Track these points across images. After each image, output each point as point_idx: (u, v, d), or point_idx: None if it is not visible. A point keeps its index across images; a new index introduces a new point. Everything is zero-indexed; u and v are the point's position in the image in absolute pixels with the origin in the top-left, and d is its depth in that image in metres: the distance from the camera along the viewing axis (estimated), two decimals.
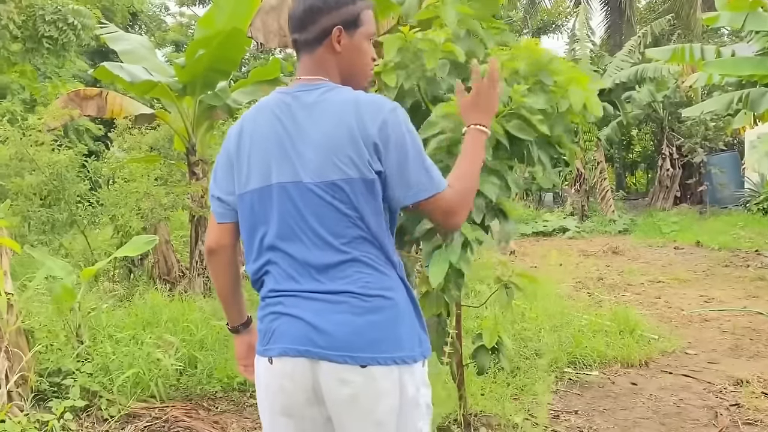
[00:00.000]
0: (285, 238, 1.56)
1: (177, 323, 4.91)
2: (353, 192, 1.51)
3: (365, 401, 1.50)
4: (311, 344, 1.50)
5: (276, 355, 1.55)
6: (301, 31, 1.61)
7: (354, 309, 1.51)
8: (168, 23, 23.68)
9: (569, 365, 4.63)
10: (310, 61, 1.62)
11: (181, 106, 6.83)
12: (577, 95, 2.53)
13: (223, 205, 1.67)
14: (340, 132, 1.51)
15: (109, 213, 6.64)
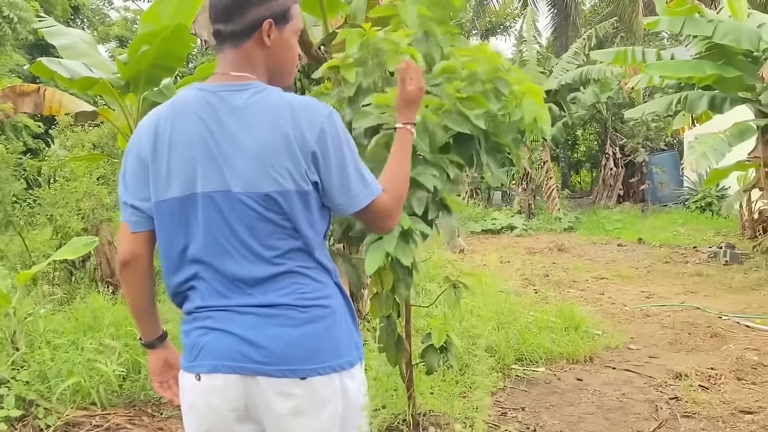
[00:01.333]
0: (212, 252, 1.47)
1: (120, 327, 4.77)
2: (288, 204, 1.45)
3: (308, 412, 1.47)
4: (245, 360, 1.45)
5: (206, 371, 1.47)
6: (226, 22, 1.49)
7: (290, 321, 1.46)
8: (112, 18, 23.03)
9: (516, 362, 4.69)
10: (235, 55, 1.51)
11: (124, 103, 6.63)
12: (531, 108, 2.58)
13: (137, 213, 1.53)
14: (275, 140, 1.43)
15: (47, 213, 6.40)
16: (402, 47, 2.58)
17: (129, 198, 1.54)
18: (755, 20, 8.33)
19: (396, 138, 1.73)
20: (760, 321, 5.77)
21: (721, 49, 8.03)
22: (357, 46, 2.61)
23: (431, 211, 2.57)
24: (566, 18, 23.09)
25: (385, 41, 2.60)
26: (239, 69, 1.51)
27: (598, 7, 26.01)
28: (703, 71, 7.91)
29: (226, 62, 1.52)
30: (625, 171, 18.32)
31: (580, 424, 3.67)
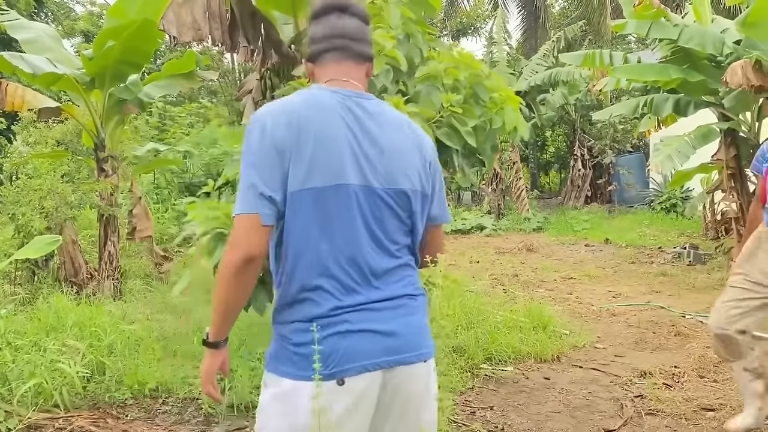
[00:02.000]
0: (348, 243, 1.54)
1: (84, 328, 4.68)
2: (415, 202, 1.63)
3: (429, 390, 1.64)
4: (389, 353, 1.54)
5: (354, 374, 1.50)
6: (357, 41, 1.69)
7: (410, 310, 1.61)
8: (77, 12, 22.57)
9: (485, 361, 4.72)
10: (356, 70, 1.69)
11: (89, 99, 6.51)
12: (511, 116, 2.62)
13: (270, 205, 1.50)
14: (408, 144, 1.65)
15: (9, 212, 6.24)
16: (386, 49, 2.59)
17: (266, 189, 1.49)
18: (719, 25, 8.51)
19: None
20: None
21: (686, 53, 8.18)
22: None
23: None
24: (536, 20, 23.34)
25: None
26: (359, 82, 1.69)
27: (567, 10, 26.34)
28: (669, 75, 8.05)
29: (345, 72, 1.68)
30: (592, 172, 18.58)
31: (547, 422, 3.71)
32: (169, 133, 12.53)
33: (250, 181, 1.50)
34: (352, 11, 1.71)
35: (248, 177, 1.50)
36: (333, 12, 1.70)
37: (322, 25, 1.71)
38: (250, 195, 1.49)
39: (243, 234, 1.49)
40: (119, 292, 6.66)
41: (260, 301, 2.64)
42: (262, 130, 1.52)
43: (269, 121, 1.53)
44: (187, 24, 3.72)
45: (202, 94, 19.84)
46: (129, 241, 7.69)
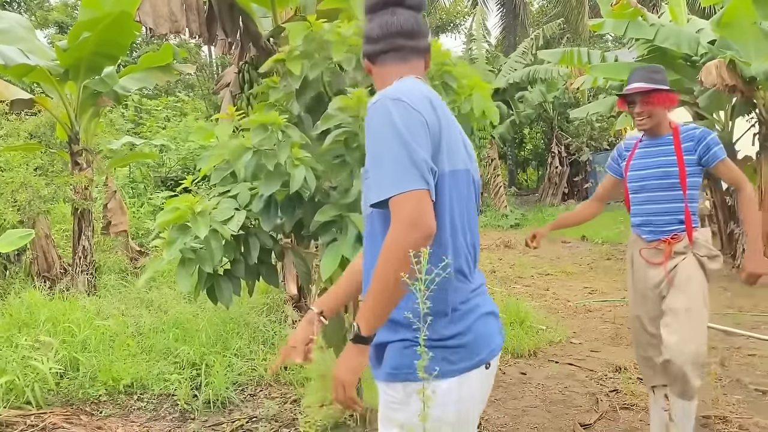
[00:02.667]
0: (469, 224, 1.60)
1: (57, 323, 4.62)
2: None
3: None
4: (500, 333, 1.63)
5: (493, 357, 1.56)
6: (412, 39, 1.68)
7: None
8: (51, 2, 22.17)
9: None
10: (421, 66, 1.71)
11: (63, 91, 6.41)
12: (479, 101, 2.61)
13: (433, 181, 1.44)
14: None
15: None
16: (346, 37, 2.57)
17: (432, 164, 1.45)
18: (694, 25, 8.63)
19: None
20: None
21: (662, 52, 8.28)
22: (302, 39, 2.58)
23: None
24: (515, 18, 23.45)
25: (330, 32, 2.58)
26: (422, 75, 1.71)
27: (546, 8, 26.50)
28: None
29: (418, 69, 1.70)
30: (569, 169, 18.75)
31: (523, 417, 3.74)
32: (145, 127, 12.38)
33: (414, 157, 1.40)
34: (408, 4, 1.69)
35: (410, 152, 1.40)
36: (388, 7, 1.69)
37: (378, 23, 1.69)
38: (416, 169, 1.39)
39: (419, 210, 1.37)
40: (93, 287, 6.57)
41: (227, 295, 2.62)
42: (407, 109, 1.45)
43: (412, 101, 1.47)
44: (164, 16, 3.66)
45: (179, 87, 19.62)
46: (104, 235, 7.59)
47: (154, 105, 14.60)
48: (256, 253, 2.58)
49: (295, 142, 2.48)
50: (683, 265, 2.87)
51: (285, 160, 2.41)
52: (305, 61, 2.59)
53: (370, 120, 1.48)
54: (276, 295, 5.73)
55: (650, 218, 2.99)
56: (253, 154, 2.48)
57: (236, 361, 4.41)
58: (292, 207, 2.62)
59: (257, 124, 2.47)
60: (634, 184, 3.06)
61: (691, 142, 2.88)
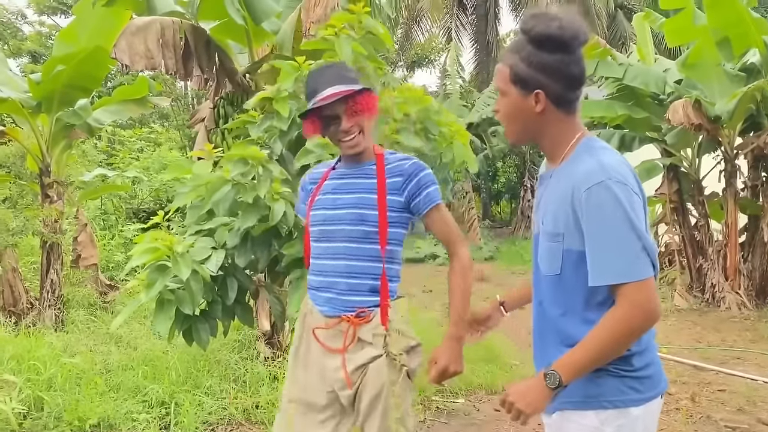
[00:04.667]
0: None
1: (22, 361, 4.49)
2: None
3: None
4: None
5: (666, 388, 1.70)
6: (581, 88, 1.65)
7: None
8: (25, 32, 22.04)
9: (436, 393, 4.71)
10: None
11: (35, 123, 6.34)
12: (460, 150, 2.67)
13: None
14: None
15: None
16: None
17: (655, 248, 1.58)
18: (661, 65, 8.91)
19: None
20: (665, 350, 6.05)
21: (630, 90, 8.51)
22: (291, 80, 2.61)
23: None
24: (488, 54, 23.91)
25: None
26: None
27: None
28: (615, 111, 8.35)
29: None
30: None
31: None
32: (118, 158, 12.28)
33: (644, 243, 1.52)
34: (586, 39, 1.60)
35: (641, 238, 1.52)
36: (582, 46, 1.60)
37: (577, 62, 1.59)
38: (647, 257, 1.52)
39: (654, 299, 1.52)
40: (61, 322, 6.43)
41: (204, 337, 2.61)
42: (630, 193, 1.53)
43: (630, 182, 1.55)
44: (140, 53, 3.67)
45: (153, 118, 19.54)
46: (73, 269, 7.45)
47: (127, 135, 14.50)
48: (233, 294, 2.57)
49: (276, 176, 2.50)
50: (372, 376, 2.06)
51: (264, 194, 2.42)
52: (292, 101, 2.61)
53: (595, 200, 1.52)
54: (248, 332, 5.65)
55: (333, 280, 2.12)
56: (231, 187, 2.48)
57: (207, 399, 4.32)
58: (268, 242, 2.62)
59: (237, 157, 2.48)
60: (315, 228, 2.15)
61: (400, 177, 2.10)
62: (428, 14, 21.31)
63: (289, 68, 2.71)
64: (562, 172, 1.64)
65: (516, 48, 1.64)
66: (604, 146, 1.63)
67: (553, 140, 1.67)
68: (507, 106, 1.67)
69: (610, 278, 1.52)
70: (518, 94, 1.62)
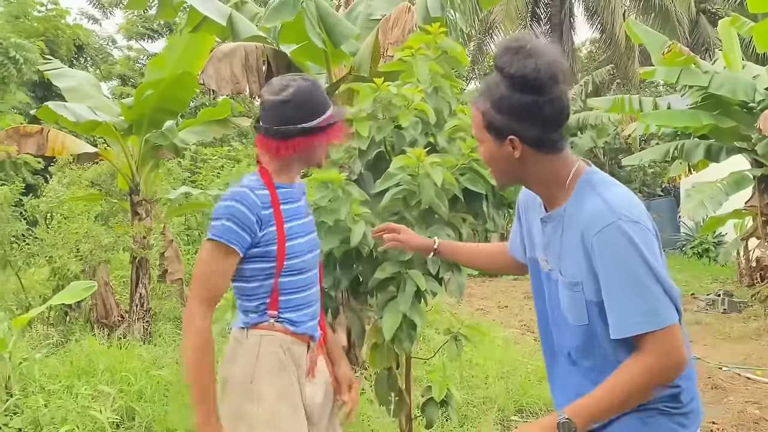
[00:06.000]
0: None
1: (115, 372, 4.72)
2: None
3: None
4: None
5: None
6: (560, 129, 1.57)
7: None
8: (115, 56, 23.33)
9: (516, 413, 4.63)
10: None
11: (126, 144, 6.69)
12: None
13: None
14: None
15: (47, 254, 6.38)
16: (414, 103, 2.65)
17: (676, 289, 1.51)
18: (750, 71, 8.48)
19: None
20: (760, 373, 5.72)
21: (716, 99, 8.15)
22: (370, 101, 2.66)
23: (442, 270, 2.58)
24: None
25: (397, 97, 2.66)
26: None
27: (595, 54, 26.45)
28: (699, 121, 8.02)
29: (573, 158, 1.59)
30: None
31: None
32: (200, 176, 12.77)
33: (666, 287, 1.46)
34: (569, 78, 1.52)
35: (662, 282, 1.45)
36: (561, 83, 1.48)
37: (553, 102, 1.47)
38: (670, 302, 1.46)
39: (680, 348, 1.45)
40: (149, 334, 6.71)
41: None
42: (645, 231, 1.46)
43: (642, 219, 1.47)
44: (226, 78, 3.83)
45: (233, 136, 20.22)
46: (160, 283, 7.77)
47: (210, 153, 15.06)
48: None
49: (355, 198, 2.54)
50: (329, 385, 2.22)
51: (345, 216, 2.46)
52: (371, 122, 2.66)
53: (607, 245, 1.43)
54: None
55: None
56: (314, 211, 2.54)
57: None
58: (351, 263, 2.66)
59: (318, 182, 2.54)
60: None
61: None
62: (501, 26, 21.10)
63: (367, 90, 2.76)
64: (567, 214, 1.54)
65: (488, 89, 1.54)
66: (605, 180, 1.54)
67: (542, 182, 1.57)
68: (485, 153, 1.59)
69: (633, 329, 1.43)
70: (493, 141, 1.54)
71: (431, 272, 2.55)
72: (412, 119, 2.69)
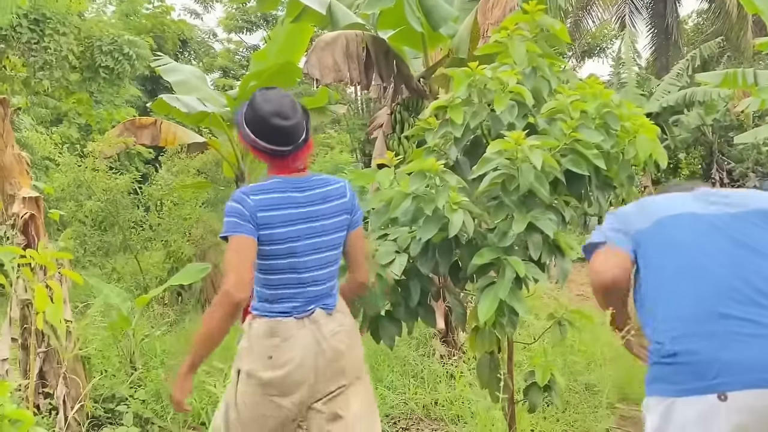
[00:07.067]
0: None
1: (228, 349, 4.96)
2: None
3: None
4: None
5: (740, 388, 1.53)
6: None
7: None
8: (216, 49, 24.30)
9: (621, 401, 4.52)
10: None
11: (232, 134, 7.00)
12: (646, 144, 2.54)
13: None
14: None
15: (162, 239, 6.80)
16: (510, 86, 2.60)
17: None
18: None
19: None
20: None
21: None
22: (464, 87, 2.64)
23: (544, 255, 2.54)
24: (667, 38, 22.27)
25: (492, 81, 2.62)
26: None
27: (702, 26, 24.89)
28: None
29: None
30: None
31: None
32: None
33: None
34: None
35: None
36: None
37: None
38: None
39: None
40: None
41: (390, 336, 2.74)
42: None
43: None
44: (329, 66, 3.93)
45: (327, 123, 20.64)
46: None
47: None
48: (417, 297, 2.66)
49: (453, 186, 2.54)
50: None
51: (443, 205, 2.47)
52: (466, 108, 2.64)
53: None
54: (424, 329, 5.80)
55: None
56: (412, 200, 2.57)
57: (388, 393, 4.51)
58: (449, 249, 2.67)
59: (416, 170, 2.56)
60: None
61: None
62: (599, 0, 20.28)
63: (461, 75, 2.73)
64: None
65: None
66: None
67: None
68: None
69: None
70: None
71: (533, 258, 2.52)
72: (509, 103, 2.65)
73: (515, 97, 2.64)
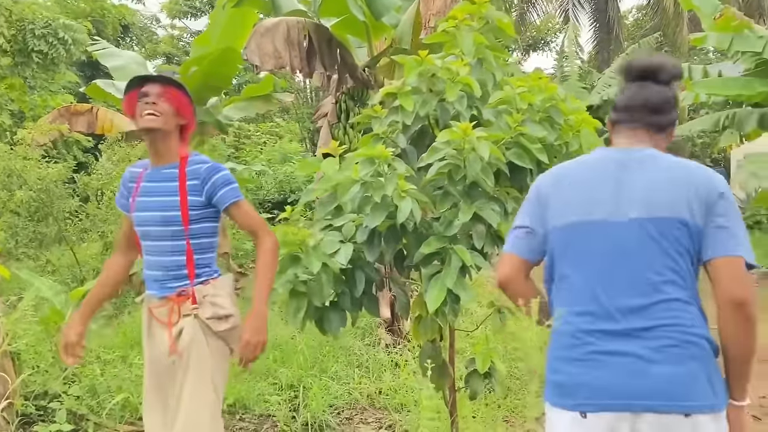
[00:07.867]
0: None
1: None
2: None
3: None
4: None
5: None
6: (658, 114, 1.82)
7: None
8: (159, 35, 23.66)
9: None
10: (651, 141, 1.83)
11: None
12: (588, 139, 2.60)
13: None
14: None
15: (98, 229, 6.58)
16: (459, 76, 2.60)
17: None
18: None
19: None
20: None
21: None
22: (415, 74, 2.63)
23: (488, 245, 2.56)
24: (609, 32, 22.81)
25: (443, 70, 2.62)
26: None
27: (642, 22, 25.62)
28: (753, 88, 7.74)
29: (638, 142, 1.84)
30: None
31: None
32: (244, 152, 12.97)
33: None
34: (661, 79, 1.80)
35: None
36: (640, 80, 1.82)
37: (627, 93, 1.85)
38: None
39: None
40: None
41: (335, 326, 2.72)
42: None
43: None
44: (269, 53, 3.86)
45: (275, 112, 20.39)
46: None
47: (253, 130, 15.24)
48: (362, 286, 2.64)
49: (401, 174, 2.53)
50: (184, 332, 2.40)
51: (391, 192, 2.45)
52: (416, 96, 2.63)
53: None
54: (369, 319, 5.80)
55: (156, 272, 2.47)
56: (360, 186, 2.54)
57: (332, 384, 4.49)
58: (396, 238, 2.67)
59: (365, 157, 2.54)
60: (139, 228, 2.48)
61: (197, 180, 2.41)
62: None
63: (412, 63, 2.72)
64: None
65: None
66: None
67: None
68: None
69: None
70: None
71: (477, 247, 2.54)
72: (458, 93, 2.65)
73: (465, 89, 2.65)
